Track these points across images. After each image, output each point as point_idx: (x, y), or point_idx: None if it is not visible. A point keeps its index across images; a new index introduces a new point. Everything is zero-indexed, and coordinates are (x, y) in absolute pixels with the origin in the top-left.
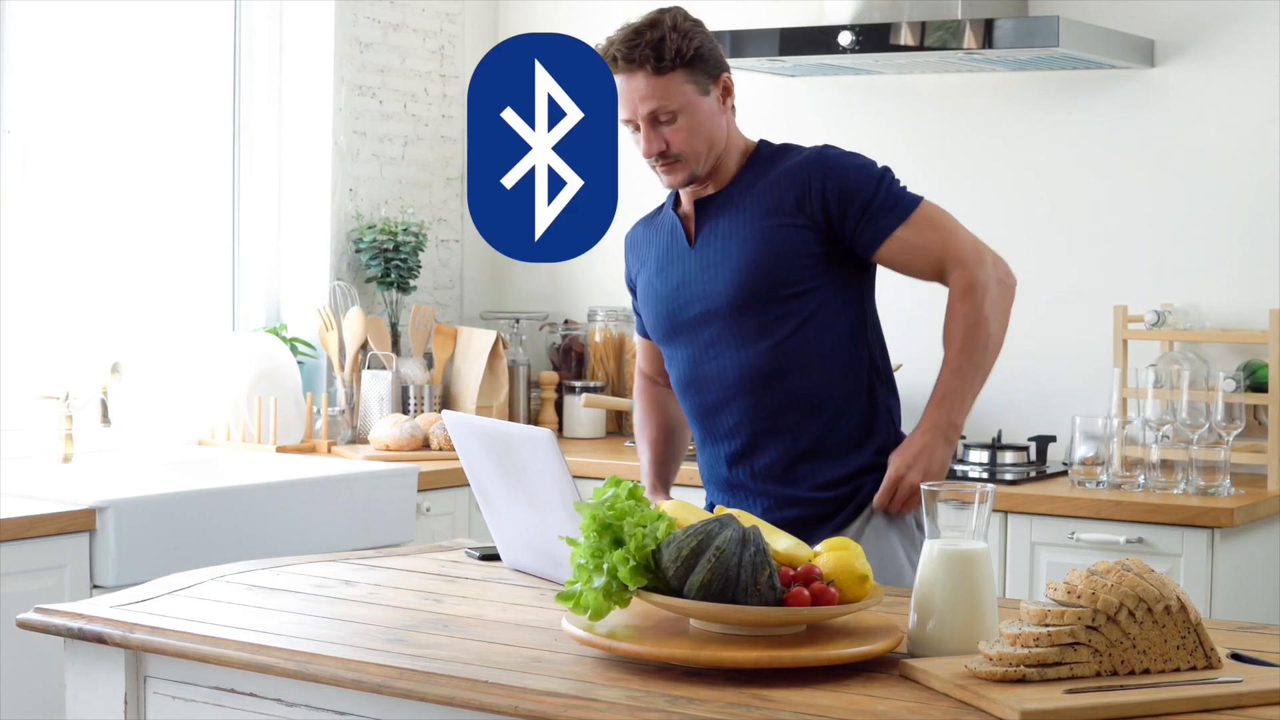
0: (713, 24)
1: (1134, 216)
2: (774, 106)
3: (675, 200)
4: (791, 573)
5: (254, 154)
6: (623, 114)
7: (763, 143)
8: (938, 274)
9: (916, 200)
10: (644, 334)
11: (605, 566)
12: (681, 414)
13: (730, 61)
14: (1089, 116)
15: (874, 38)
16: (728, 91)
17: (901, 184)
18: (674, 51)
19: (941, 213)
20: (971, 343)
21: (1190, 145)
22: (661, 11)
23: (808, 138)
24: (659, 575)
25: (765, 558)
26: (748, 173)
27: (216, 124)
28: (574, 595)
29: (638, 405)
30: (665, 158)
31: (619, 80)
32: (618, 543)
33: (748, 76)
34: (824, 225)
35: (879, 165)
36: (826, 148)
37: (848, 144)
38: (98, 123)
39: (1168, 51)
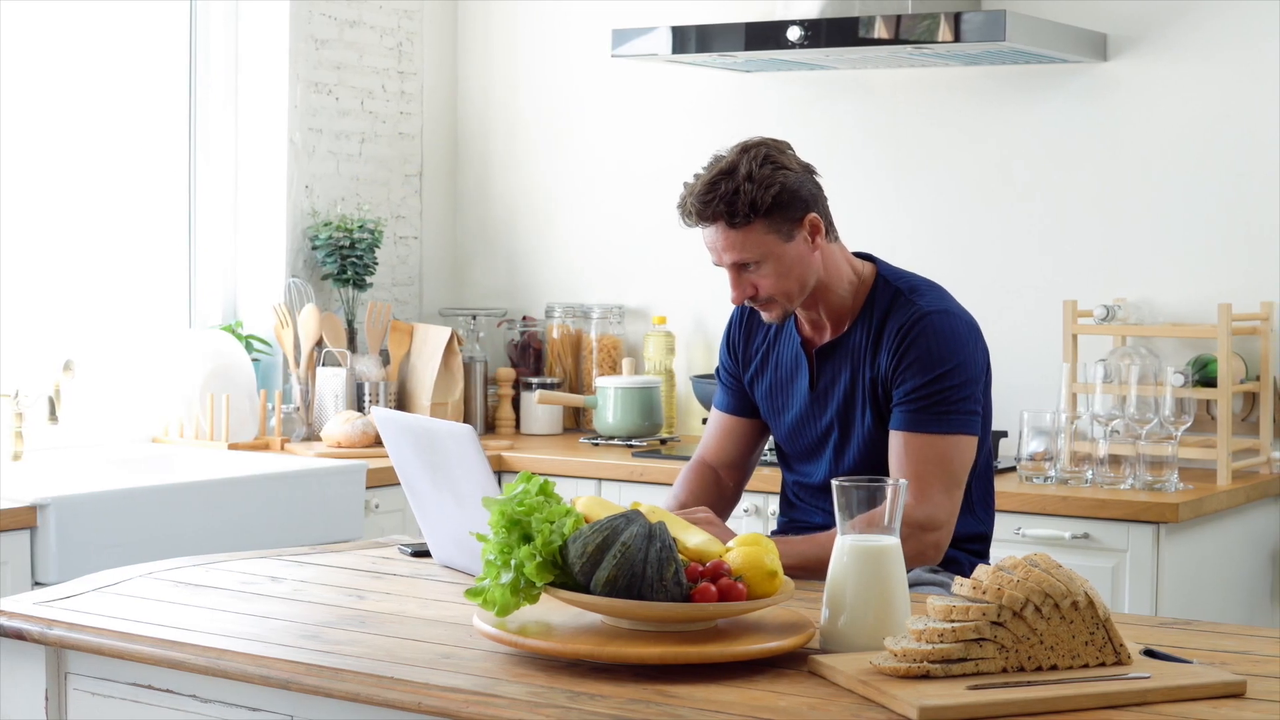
0: (671, 19)
1: (1085, 210)
2: (732, 103)
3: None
4: (700, 568)
5: (210, 151)
6: (711, 258)
7: (880, 277)
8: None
9: (959, 427)
10: (724, 409)
11: (513, 562)
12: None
13: (684, 58)
14: (1042, 111)
15: (826, 32)
16: (816, 230)
17: (967, 396)
18: (748, 205)
19: (964, 455)
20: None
21: (1142, 139)
22: (741, 152)
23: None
24: (567, 571)
25: (671, 553)
26: (864, 321)
27: (172, 120)
28: (482, 591)
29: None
30: (756, 300)
31: (700, 231)
32: (526, 538)
33: (704, 73)
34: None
35: (966, 361)
36: (932, 317)
37: (804, 140)
38: (53, 119)
39: (1120, 45)
